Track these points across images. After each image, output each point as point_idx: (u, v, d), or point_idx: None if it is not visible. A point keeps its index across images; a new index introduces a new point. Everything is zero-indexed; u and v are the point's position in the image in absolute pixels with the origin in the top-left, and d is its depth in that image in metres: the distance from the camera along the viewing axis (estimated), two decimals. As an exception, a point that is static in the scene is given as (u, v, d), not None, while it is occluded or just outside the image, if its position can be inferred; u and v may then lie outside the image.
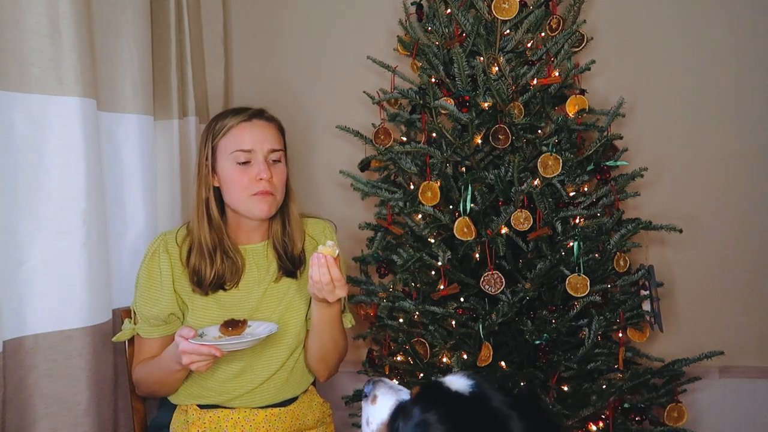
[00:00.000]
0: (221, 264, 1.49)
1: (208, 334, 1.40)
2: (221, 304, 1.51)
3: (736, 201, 2.12)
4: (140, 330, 1.50)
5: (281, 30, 2.31)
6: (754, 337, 2.14)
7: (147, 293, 1.48)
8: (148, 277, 1.49)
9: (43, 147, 1.41)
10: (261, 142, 1.49)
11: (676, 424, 1.84)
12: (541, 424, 0.90)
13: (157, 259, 1.49)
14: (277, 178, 1.51)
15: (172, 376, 1.45)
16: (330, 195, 2.28)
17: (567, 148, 1.81)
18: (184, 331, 1.33)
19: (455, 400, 0.93)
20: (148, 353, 1.50)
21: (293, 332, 1.55)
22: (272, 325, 1.44)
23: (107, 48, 1.61)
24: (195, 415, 1.48)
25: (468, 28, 1.79)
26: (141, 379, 1.51)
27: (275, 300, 1.55)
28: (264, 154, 1.49)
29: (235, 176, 1.48)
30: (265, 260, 1.56)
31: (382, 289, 1.93)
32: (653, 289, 1.80)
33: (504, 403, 0.90)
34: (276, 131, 1.54)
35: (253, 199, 1.48)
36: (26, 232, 1.40)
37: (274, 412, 1.52)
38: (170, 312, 1.49)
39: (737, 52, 2.10)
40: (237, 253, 1.52)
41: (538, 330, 1.74)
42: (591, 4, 2.11)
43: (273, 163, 1.51)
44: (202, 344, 1.31)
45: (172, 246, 1.51)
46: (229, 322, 1.40)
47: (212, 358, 1.33)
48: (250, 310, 1.52)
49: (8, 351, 1.36)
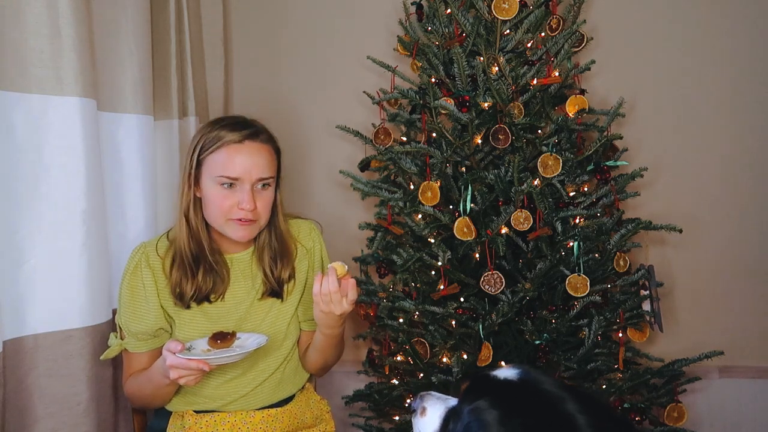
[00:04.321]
0: (203, 278, 1.44)
1: (196, 347, 1.36)
2: (208, 316, 1.47)
3: (736, 201, 2.12)
4: (128, 345, 1.46)
5: (281, 30, 2.31)
6: (754, 337, 2.14)
7: (132, 310, 1.44)
8: (131, 293, 1.44)
9: (43, 147, 1.40)
10: (249, 171, 1.40)
11: (676, 424, 1.84)
12: (594, 405, 0.88)
13: (139, 274, 1.44)
14: (262, 204, 1.43)
15: (163, 390, 1.42)
16: (330, 195, 2.28)
17: (567, 148, 1.81)
18: (171, 345, 1.29)
19: (505, 386, 0.92)
20: (138, 366, 1.47)
21: (284, 340, 1.53)
22: (261, 337, 1.39)
23: (107, 48, 1.61)
24: (191, 420, 1.47)
25: (468, 28, 1.79)
26: (132, 392, 1.48)
27: (262, 313, 1.51)
28: (251, 182, 1.40)
29: (217, 198, 1.41)
30: (251, 271, 1.52)
31: (382, 289, 1.93)
32: (653, 289, 1.80)
33: (555, 386, 0.90)
34: (269, 155, 1.44)
35: (230, 223, 1.42)
36: (26, 232, 1.39)
37: (271, 413, 1.51)
38: (158, 327, 1.45)
39: (737, 53, 2.10)
40: (222, 264, 1.48)
41: (538, 330, 1.74)
42: (591, 4, 2.11)
43: (260, 189, 1.43)
44: (189, 359, 1.27)
45: (153, 259, 1.45)
46: (218, 335, 1.35)
47: (200, 373, 1.29)
48: (237, 321, 1.48)
49: (8, 351, 1.36)
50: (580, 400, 0.87)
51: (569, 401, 0.87)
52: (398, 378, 1.94)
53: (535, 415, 0.86)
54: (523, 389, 0.91)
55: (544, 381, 0.91)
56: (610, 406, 1.72)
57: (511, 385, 0.92)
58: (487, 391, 0.92)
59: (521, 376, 0.93)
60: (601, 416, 0.86)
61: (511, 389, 0.91)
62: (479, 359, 1.70)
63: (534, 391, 0.90)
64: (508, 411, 0.87)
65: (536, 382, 0.91)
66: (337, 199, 2.27)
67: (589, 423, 0.84)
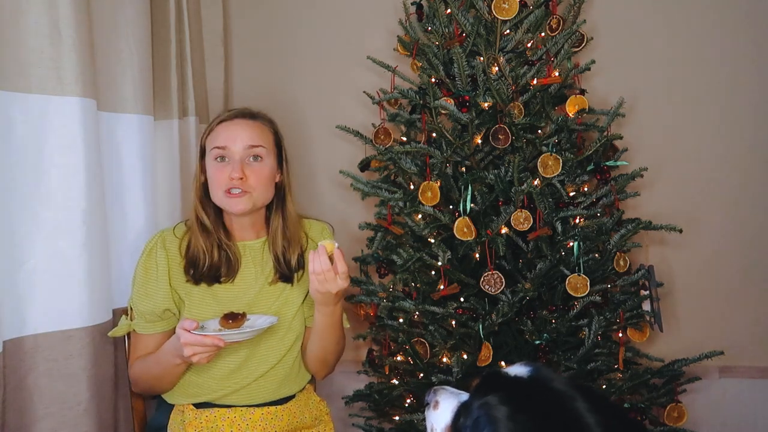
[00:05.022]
0: (217, 255, 1.50)
1: (208, 327, 1.41)
2: (218, 299, 1.51)
3: (735, 201, 2.12)
4: (136, 326, 1.50)
5: (281, 30, 2.31)
6: (754, 337, 2.14)
7: (143, 288, 1.49)
8: (144, 272, 1.50)
9: (43, 147, 1.40)
10: (236, 140, 1.48)
11: (676, 424, 1.84)
12: (605, 404, 0.88)
13: (154, 255, 1.50)
14: (255, 176, 1.49)
15: (171, 371, 1.46)
16: (330, 195, 2.28)
17: (567, 148, 1.81)
18: (186, 323, 1.33)
19: (515, 383, 0.93)
20: (144, 350, 1.51)
21: (290, 326, 1.56)
22: (272, 318, 1.46)
23: (107, 48, 1.61)
24: (191, 415, 1.48)
25: (468, 28, 1.79)
26: (138, 375, 1.51)
27: (271, 297, 1.55)
28: (240, 152, 1.48)
29: (212, 173, 1.50)
30: (261, 259, 1.57)
31: (382, 289, 1.93)
32: (653, 289, 1.80)
33: (566, 385, 0.90)
34: (260, 129, 1.52)
35: (226, 196, 1.48)
36: (26, 232, 1.40)
37: (271, 411, 1.52)
38: (165, 308, 1.49)
39: (737, 52, 2.10)
40: (233, 249, 1.54)
41: (538, 330, 1.74)
42: (591, 4, 2.11)
43: (252, 161, 1.50)
44: (205, 335, 1.32)
45: (170, 240, 1.52)
46: (229, 315, 1.41)
47: (214, 350, 1.34)
48: (246, 306, 1.52)
49: (8, 351, 1.36)
50: (590, 399, 0.87)
51: (579, 400, 0.86)
52: (398, 378, 1.94)
53: (544, 413, 0.86)
54: (533, 387, 0.91)
55: (554, 379, 0.91)
56: (621, 407, 1.71)
57: (521, 383, 0.92)
58: (497, 387, 0.92)
59: (532, 374, 0.93)
60: (612, 416, 0.86)
61: (521, 386, 0.92)
62: (479, 359, 1.70)
63: (544, 388, 0.90)
64: (517, 407, 0.87)
65: (547, 380, 0.91)
66: (337, 199, 2.27)
67: (599, 422, 0.83)
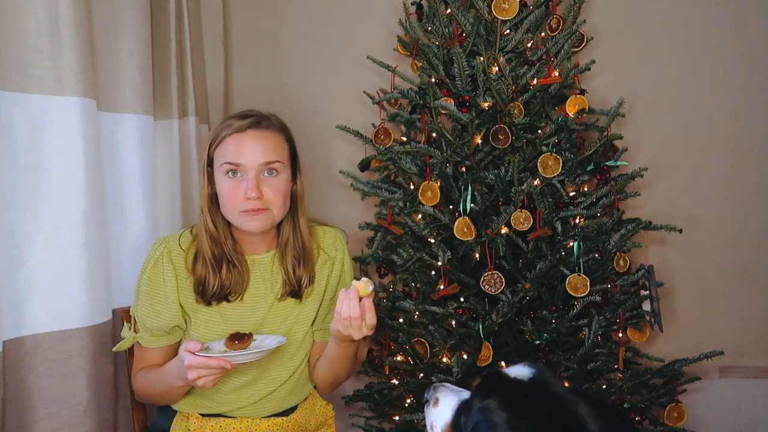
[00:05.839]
0: (227, 274, 1.41)
1: (212, 348, 1.34)
2: (225, 318, 1.45)
3: (735, 201, 2.12)
4: (141, 339, 1.44)
5: (281, 30, 2.31)
6: (754, 337, 2.14)
7: (149, 303, 1.41)
8: (150, 286, 1.41)
9: (43, 147, 1.41)
10: (251, 157, 1.37)
11: (676, 424, 1.84)
12: (607, 409, 0.87)
13: (160, 268, 1.41)
14: (273, 192, 1.40)
15: (174, 391, 1.41)
16: (330, 195, 2.28)
17: (567, 148, 1.81)
18: (190, 345, 1.25)
19: (515, 386, 0.91)
20: (149, 362, 1.45)
21: (301, 345, 1.52)
22: (280, 338, 1.39)
23: (107, 48, 1.61)
24: (197, 424, 1.46)
25: (468, 28, 1.79)
26: (141, 388, 1.46)
27: (281, 315, 1.49)
28: (255, 169, 1.38)
29: (225, 190, 1.39)
30: (271, 274, 1.49)
31: (382, 289, 1.93)
32: (653, 289, 1.80)
33: (567, 389, 0.88)
34: (274, 141, 1.42)
35: (242, 215, 1.39)
36: (26, 232, 1.40)
37: (277, 422, 1.49)
38: (174, 324, 1.42)
39: (737, 52, 2.10)
40: (242, 263, 1.45)
41: (538, 330, 1.74)
42: (591, 4, 2.11)
43: (267, 175, 1.40)
44: (210, 356, 1.25)
45: (176, 253, 1.42)
46: (235, 336, 1.34)
47: (220, 372, 1.27)
48: (256, 325, 1.46)
49: (8, 351, 1.36)
50: (593, 404, 0.85)
51: (581, 405, 0.85)
52: (398, 378, 1.94)
53: (544, 419, 0.85)
54: (534, 390, 0.89)
55: (555, 383, 0.90)
56: (624, 413, 1.69)
57: (522, 386, 0.91)
58: (497, 390, 0.90)
59: (533, 376, 0.91)
60: (615, 423, 0.85)
61: (522, 390, 0.90)
62: (479, 359, 1.70)
63: (545, 393, 0.88)
64: (517, 412, 0.86)
65: (548, 384, 0.90)
66: (337, 199, 2.27)
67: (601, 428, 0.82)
